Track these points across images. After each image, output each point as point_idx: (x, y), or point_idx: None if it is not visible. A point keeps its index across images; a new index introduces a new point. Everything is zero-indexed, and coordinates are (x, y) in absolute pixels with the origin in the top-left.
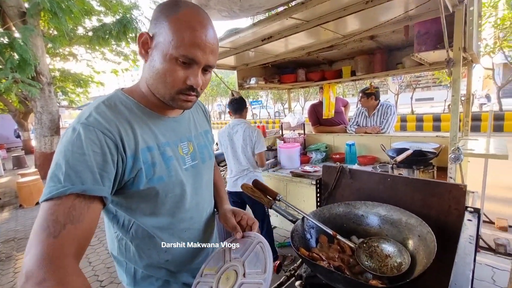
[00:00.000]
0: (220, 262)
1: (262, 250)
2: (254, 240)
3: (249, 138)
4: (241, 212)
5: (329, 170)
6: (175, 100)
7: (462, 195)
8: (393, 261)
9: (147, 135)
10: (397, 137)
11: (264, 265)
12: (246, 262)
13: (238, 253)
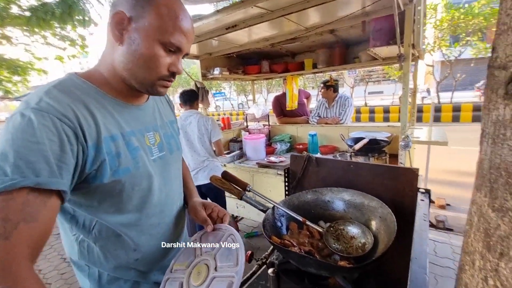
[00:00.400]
0: (190, 257)
1: (234, 242)
2: (225, 233)
3: (204, 128)
4: (211, 205)
5: (296, 159)
6: (154, 86)
7: (415, 178)
8: (357, 242)
9: (109, 123)
10: (354, 127)
11: (236, 258)
12: (217, 256)
13: (210, 246)
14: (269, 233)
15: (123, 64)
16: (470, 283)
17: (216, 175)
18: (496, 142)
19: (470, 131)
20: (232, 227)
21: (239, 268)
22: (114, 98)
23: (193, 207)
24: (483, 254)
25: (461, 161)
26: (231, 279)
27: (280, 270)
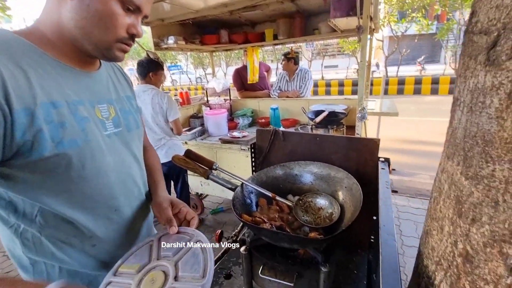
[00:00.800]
0: (144, 259)
1: (202, 251)
2: (192, 238)
3: (159, 106)
4: (180, 204)
5: (262, 134)
6: (111, 49)
7: (376, 148)
8: (325, 212)
9: (50, 86)
10: (314, 100)
11: (203, 269)
12: (180, 263)
13: (170, 251)
14: (240, 212)
15: (74, 21)
16: (438, 247)
17: (178, 154)
18: (474, 111)
19: (412, 102)
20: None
21: (206, 282)
22: (57, 59)
23: (158, 203)
24: (453, 220)
25: (405, 130)
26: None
27: (252, 247)
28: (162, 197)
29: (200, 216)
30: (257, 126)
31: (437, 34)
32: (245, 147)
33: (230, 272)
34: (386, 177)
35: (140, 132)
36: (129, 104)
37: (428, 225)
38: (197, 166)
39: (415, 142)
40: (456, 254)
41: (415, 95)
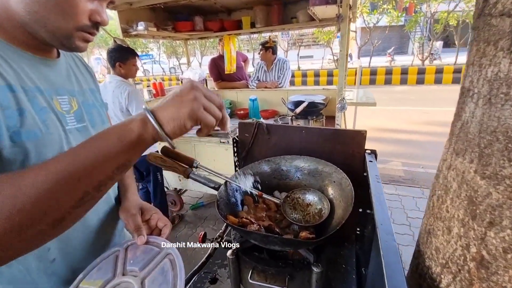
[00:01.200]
0: (108, 274)
1: (172, 266)
2: (162, 251)
3: (118, 101)
4: (151, 210)
5: (245, 127)
6: (72, 38)
7: (363, 140)
8: (314, 209)
9: (2, 68)
10: (292, 90)
11: (173, 286)
12: (147, 281)
13: (137, 265)
14: (225, 213)
15: (23, 4)
16: (444, 248)
17: (154, 152)
18: (493, 103)
19: (384, 92)
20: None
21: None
22: (8, 43)
23: (126, 209)
24: (465, 222)
25: (378, 119)
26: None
27: (239, 250)
28: (131, 201)
29: (179, 212)
30: (236, 118)
31: (405, 26)
32: (225, 140)
33: (215, 276)
34: (375, 171)
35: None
36: (93, 97)
37: (430, 225)
38: (176, 165)
39: (388, 130)
40: (469, 258)
41: (386, 85)
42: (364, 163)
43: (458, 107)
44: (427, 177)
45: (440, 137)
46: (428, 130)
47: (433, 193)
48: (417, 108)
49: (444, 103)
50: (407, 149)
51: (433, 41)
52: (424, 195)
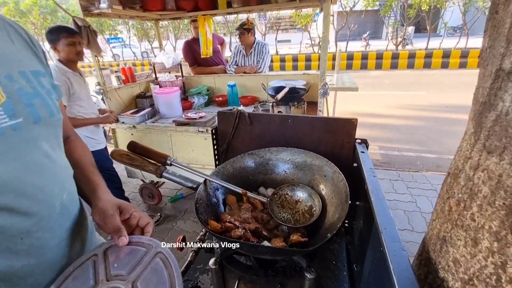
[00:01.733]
0: (88, 282)
1: (165, 265)
2: (150, 250)
3: None
4: (130, 208)
5: (225, 116)
6: None
7: (354, 128)
8: (303, 206)
9: None
10: (272, 76)
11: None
12: (139, 284)
13: (123, 268)
14: (205, 217)
15: None
16: (467, 262)
17: (120, 149)
18: None
19: (360, 77)
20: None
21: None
22: None
23: (101, 210)
24: (500, 235)
25: (355, 104)
26: None
27: (223, 258)
28: (106, 200)
29: (157, 205)
30: (214, 106)
31: (380, 10)
32: (203, 129)
33: (197, 284)
34: (369, 163)
35: (57, 121)
36: (36, 82)
37: (446, 231)
38: (146, 163)
39: (364, 115)
40: (504, 279)
41: (362, 70)
42: (354, 153)
43: (488, 94)
44: (402, 160)
45: (413, 120)
46: (402, 114)
47: (449, 194)
48: (391, 92)
49: (415, 87)
50: (383, 133)
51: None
52: (400, 178)
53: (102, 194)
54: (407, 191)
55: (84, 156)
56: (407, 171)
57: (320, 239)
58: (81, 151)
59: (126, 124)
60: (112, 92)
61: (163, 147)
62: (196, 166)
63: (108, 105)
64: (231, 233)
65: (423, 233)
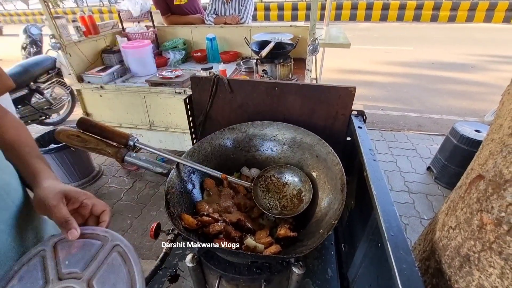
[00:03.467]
0: (37, 282)
1: (124, 260)
2: (106, 243)
3: None
4: (80, 195)
5: (201, 83)
6: None
7: (351, 98)
8: (291, 189)
9: None
10: (256, 28)
11: (130, 283)
12: (95, 283)
13: (76, 265)
14: (178, 212)
15: None
16: None
17: (65, 128)
18: None
19: (348, 29)
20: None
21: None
22: None
23: (42, 200)
24: None
25: (343, 59)
26: None
27: (201, 254)
28: (47, 189)
29: (137, 171)
30: (192, 62)
31: None
32: (180, 89)
33: (176, 272)
34: (368, 142)
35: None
36: None
37: (472, 251)
38: (103, 145)
39: (351, 71)
40: None
41: (351, 21)
42: (349, 126)
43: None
44: (385, 119)
45: (399, 77)
46: (389, 71)
47: (482, 207)
48: (379, 47)
49: (404, 42)
50: (369, 91)
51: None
52: (382, 138)
53: (43, 181)
54: (389, 151)
55: (18, 135)
56: (390, 131)
57: (311, 233)
58: (14, 130)
59: (92, 84)
60: (72, 46)
61: (137, 110)
62: (175, 130)
63: (69, 62)
64: (209, 228)
65: (401, 191)
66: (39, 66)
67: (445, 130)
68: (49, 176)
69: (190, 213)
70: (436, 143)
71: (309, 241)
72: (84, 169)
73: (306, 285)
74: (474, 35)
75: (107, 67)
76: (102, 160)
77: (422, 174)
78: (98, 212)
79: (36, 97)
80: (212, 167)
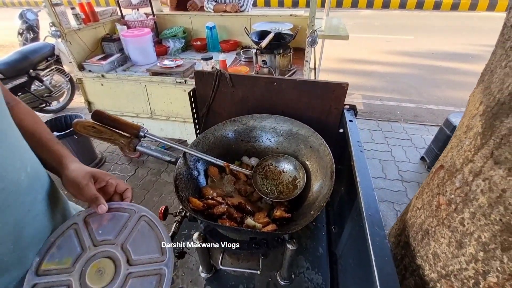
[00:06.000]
0: (75, 250)
1: (151, 227)
2: (133, 214)
3: None
4: (105, 175)
5: (204, 77)
6: None
7: (344, 94)
8: (287, 177)
9: None
10: (256, 17)
11: (159, 246)
12: (129, 246)
13: (109, 234)
14: (186, 195)
15: None
16: (447, 260)
17: (82, 120)
18: None
19: (349, 17)
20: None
21: (168, 259)
22: None
23: (73, 181)
24: (489, 248)
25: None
26: (159, 273)
27: (207, 232)
28: (77, 171)
29: (139, 158)
30: (192, 51)
31: None
32: (181, 79)
33: (183, 250)
34: (356, 134)
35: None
36: None
37: (430, 226)
38: (117, 136)
39: (350, 61)
40: (482, 285)
41: (352, 9)
42: (341, 119)
43: (510, 95)
44: (383, 109)
45: (398, 67)
46: (388, 60)
47: (439, 190)
48: (380, 36)
49: (405, 31)
50: (367, 81)
51: None
52: (379, 128)
53: (70, 164)
54: (384, 140)
55: (36, 123)
56: (386, 121)
57: (303, 214)
58: (32, 118)
59: (93, 72)
60: (72, 34)
61: (139, 99)
62: (176, 120)
63: (70, 50)
64: (213, 210)
65: (395, 180)
66: (38, 53)
67: (440, 121)
68: (73, 160)
69: (196, 197)
70: (431, 134)
71: (301, 220)
72: (87, 156)
73: (300, 261)
74: (476, 24)
75: (107, 56)
76: (104, 147)
77: (415, 164)
78: (122, 190)
79: (36, 84)
80: (215, 156)
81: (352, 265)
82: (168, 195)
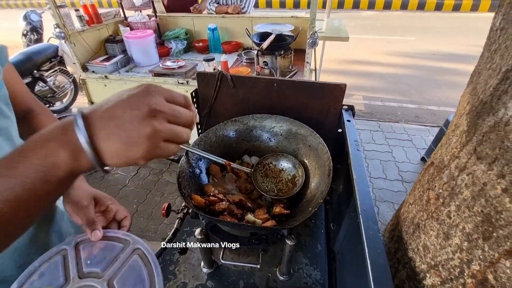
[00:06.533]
0: (57, 279)
1: (143, 262)
2: (127, 246)
3: None
4: (106, 200)
5: (206, 78)
6: None
7: (342, 94)
8: (287, 175)
9: None
10: (257, 18)
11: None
12: (116, 283)
13: (98, 265)
14: (189, 192)
15: None
16: (435, 251)
17: None
18: None
19: (351, 18)
20: (136, 237)
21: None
22: None
23: (74, 200)
24: (472, 238)
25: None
26: None
27: (209, 228)
28: (80, 190)
29: None
30: (194, 52)
31: None
32: (183, 80)
33: (185, 245)
34: (354, 134)
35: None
36: None
37: (421, 219)
38: None
39: (351, 62)
40: (467, 273)
41: (354, 10)
42: (340, 119)
43: (492, 95)
44: (384, 110)
45: (399, 68)
46: (389, 61)
47: (429, 186)
48: (381, 37)
49: (406, 32)
50: (369, 81)
51: None
52: (380, 128)
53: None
54: (385, 141)
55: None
56: (387, 122)
57: (301, 211)
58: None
59: (97, 73)
60: (76, 36)
61: None
62: None
63: (74, 52)
64: (215, 207)
65: (395, 180)
66: (42, 54)
67: (441, 122)
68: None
69: (198, 194)
70: (432, 134)
71: (300, 217)
72: None
73: (299, 257)
74: (477, 25)
75: (110, 57)
76: None
77: (416, 164)
78: (121, 217)
79: (40, 85)
80: (217, 155)
81: (349, 261)
82: (170, 195)
